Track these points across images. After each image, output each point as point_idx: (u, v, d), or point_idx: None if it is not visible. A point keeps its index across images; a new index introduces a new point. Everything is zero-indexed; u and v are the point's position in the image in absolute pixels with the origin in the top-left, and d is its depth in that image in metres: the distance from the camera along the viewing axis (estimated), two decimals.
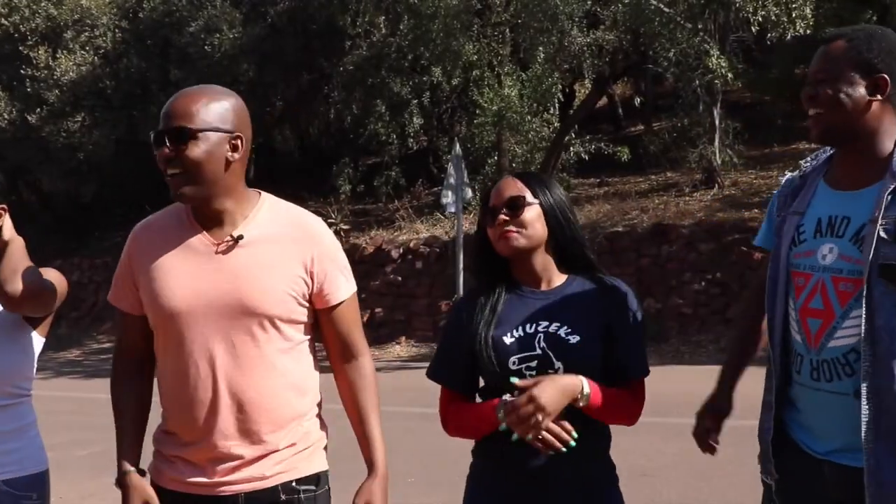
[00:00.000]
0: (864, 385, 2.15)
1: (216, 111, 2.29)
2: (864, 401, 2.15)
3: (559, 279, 2.42)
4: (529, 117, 15.65)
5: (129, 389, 2.45)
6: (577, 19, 14.98)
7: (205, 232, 2.33)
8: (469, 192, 14.27)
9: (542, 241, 2.38)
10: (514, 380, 2.24)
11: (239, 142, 2.33)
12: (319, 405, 2.48)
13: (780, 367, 2.35)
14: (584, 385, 2.26)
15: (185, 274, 2.30)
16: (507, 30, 16.73)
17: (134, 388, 2.45)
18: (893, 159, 2.21)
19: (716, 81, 13.61)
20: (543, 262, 2.41)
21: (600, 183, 17.09)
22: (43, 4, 18.12)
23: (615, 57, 16.40)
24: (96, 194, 19.76)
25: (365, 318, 15.65)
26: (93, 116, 17.71)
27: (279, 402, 2.33)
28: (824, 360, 2.23)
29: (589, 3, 15.09)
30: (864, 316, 2.15)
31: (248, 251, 2.31)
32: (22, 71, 17.79)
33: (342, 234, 16.38)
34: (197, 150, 2.25)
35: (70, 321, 18.40)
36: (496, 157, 16.66)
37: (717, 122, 14.56)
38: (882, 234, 2.14)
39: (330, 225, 16.32)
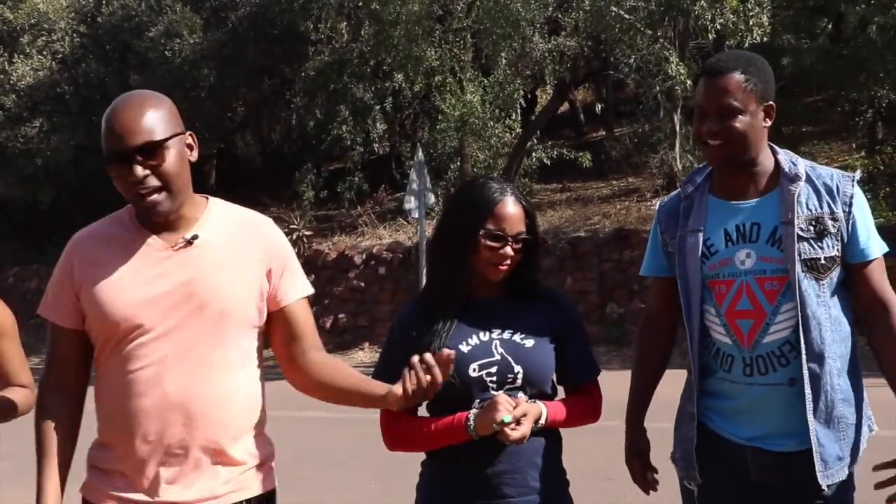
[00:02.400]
0: (806, 371, 2.34)
1: (166, 115, 2.19)
2: (806, 387, 2.34)
3: (504, 289, 2.42)
4: (492, 123, 15.71)
5: (60, 417, 2.25)
6: (538, 25, 15.08)
7: (155, 236, 2.21)
8: (432, 198, 14.28)
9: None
10: (507, 418, 2.24)
11: (192, 139, 2.26)
12: (266, 421, 2.37)
13: (699, 374, 2.48)
14: (543, 414, 2.33)
15: (137, 279, 2.18)
16: (469, 36, 16.79)
17: (65, 415, 2.26)
18: (782, 167, 2.44)
19: (676, 88, 13.75)
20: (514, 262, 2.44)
21: (562, 188, 17.19)
22: None
23: (576, 63, 16.53)
24: (55, 200, 19.49)
25: (328, 324, 15.60)
26: (51, 122, 17.50)
27: (231, 413, 2.21)
28: (759, 356, 2.39)
29: (550, 9, 15.19)
30: (798, 308, 2.34)
31: (202, 252, 2.21)
32: None
33: (304, 240, 16.32)
34: (170, 161, 2.15)
35: (28, 328, 18.14)
36: (459, 163, 16.69)
37: (677, 128, 14.70)
38: (800, 232, 2.36)
39: (292, 231, 16.41)
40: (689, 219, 2.50)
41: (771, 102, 2.44)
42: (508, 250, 2.34)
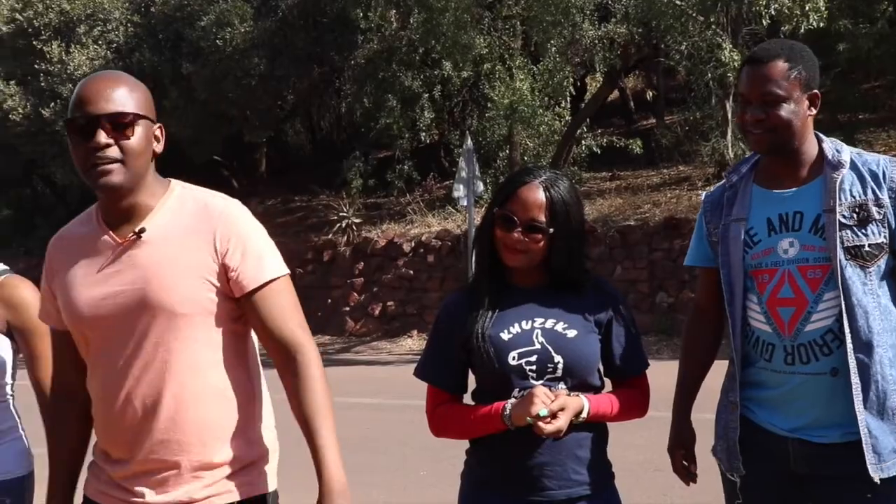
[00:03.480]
0: (852, 361, 2.31)
1: (141, 99, 2.12)
2: (852, 376, 2.31)
3: (549, 278, 2.39)
4: (541, 111, 15.62)
5: (64, 422, 2.26)
6: (588, 12, 14.95)
7: (110, 231, 2.13)
8: (480, 186, 14.26)
9: (544, 257, 2.35)
10: (543, 411, 2.20)
11: (160, 133, 2.19)
12: (268, 414, 2.26)
13: (741, 364, 2.46)
14: (585, 408, 2.29)
15: (89, 279, 2.12)
16: (518, 23, 16.70)
17: (68, 420, 2.26)
18: (826, 155, 2.42)
19: (728, 75, 13.55)
20: (538, 263, 2.38)
21: (612, 177, 17.06)
22: (57, 0, 18.18)
23: (627, 50, 16.36)
24: None
25: (377, 312, 15.69)
26: None
27: (204, 411, 2.09)
28: (800, 345, 2.36)
29: None
30: (841, 296, 2.31)
31: (153, 247, 2.10)
32: (36, 66, 17.86)
33: (354, 227, 16.41)
34: (136, 138, 2.08)
35: None
36: (508, 151, 16.64)
37: (729, 116, 14.49)
38: (842, 219, 2.33)
39: (341, 219, 16.50)
40: (733, 207, 2.49)
41: (816, 91, 2.41)
42: (516, 235, 2.30)
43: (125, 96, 2.08)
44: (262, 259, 2.15)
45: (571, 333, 2.32)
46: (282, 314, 2.13)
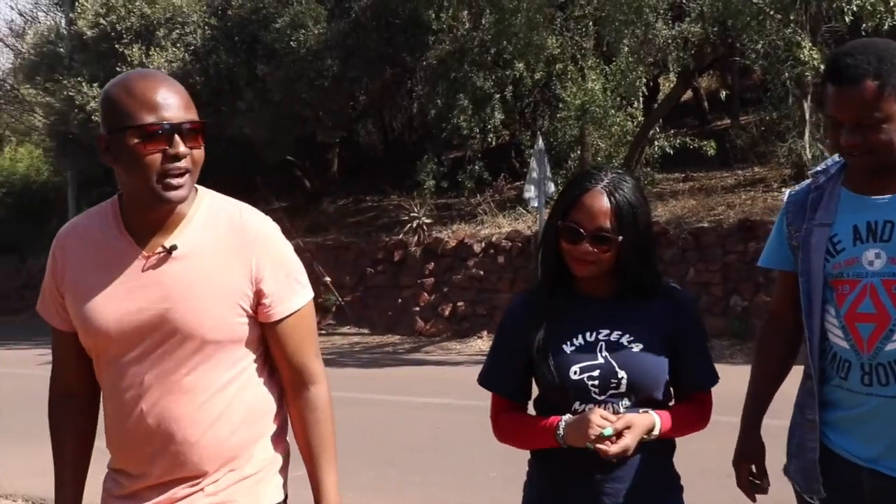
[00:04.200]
0: None
1: (191, 101, 2.04)
2: None
3: (617, 286, 2.28)
4: (613, 111, 15.48)
5: (67, 421, 2.17)
6: (662, 11, 14.77)
7: (134, 241, 2.01)
8: (552, 187, 14.20)
9: (613, 265, 2.24)
10: (607, 431, 2.10)
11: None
12: (281, 424, 2.18)
13: (818, 380, 2.30)
14: (656, 425, 2.19)
15: (112, 292, 2.00)
16: (591, 23, 16.57)
17: (71, 418, 2.16)
18: None
19: (807, 73, 13.25)
20: (607, 271, 2.27)
21: (685, 178, 16.83)
22: (137, 4, 18.61)
23: (701, 49, 16.11)
24: None
25: (447, 312, 15.72)
26: None
27: (222, 433, 2.03)
28: (879, 364, 2.20)
29: None
30: None
31: (182, 264, 1.99)
32: (117, 68, 18.28)
33: (424, 228, 16.47)
34: (202, 148, 2.00)
35: None
36: (579, 152, 16.53)
37: (807, 116, 14.18)
38: None
39: (412, 219, 16.58)
40: (818, 211, 2.32)
41: None
42: (586, 247, 2.18)
43: (187, 100, 2.00)
44: (294, 286, 2.08)
45: (637, 347, 2.21)
46: (302, 343, 2.09)
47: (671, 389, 2.30)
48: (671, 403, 2.30)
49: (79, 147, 19.67)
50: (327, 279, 16.80)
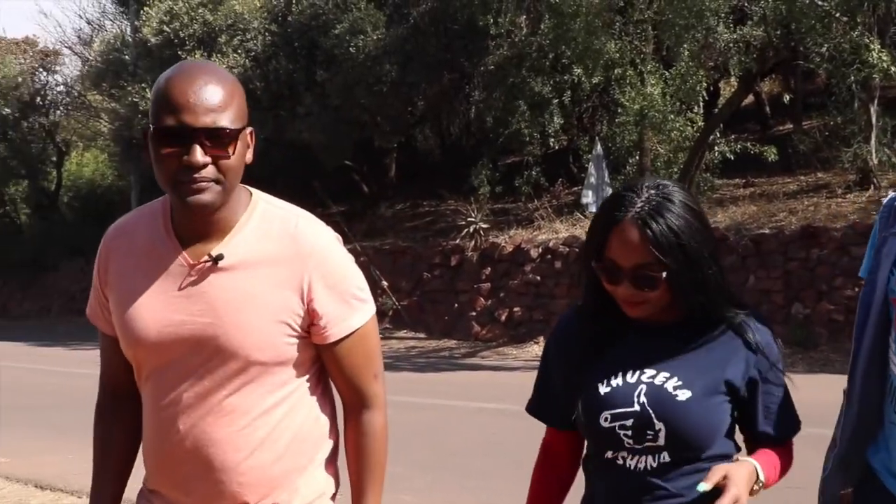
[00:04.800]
0: None
1: (241, 102, 1.83)
2: None
3: (676, 314, 1.91)
4: (673, 116, 15.33)
5: (115, 419, 2.04)
6: (723, 15, 14.58)
7: (181, 247, 1.86)
8: (610, 192, 14.10)
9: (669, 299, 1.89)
10: (703, 486, 1.79)
11: (251, 136, 1.89)
12: (333, 449, 2.00)
13: (862, 410, 1.96)
14: (758, 473, 1.88)
15: (153, 300, 1.86)
16: (650, 27, 16.43)
17: (119, 416, 2.03)
18: None
19: (874, 77, 12.98)
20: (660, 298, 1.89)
21: (746, 183, 16.59)
22: (200, 11, 18.92)
23: (763, 53, 15.87)
24: None
25: (503, 317, 15.70)
26: None
27: (265, 460, 1.87)
28: None
29: None
30: None
31: (229, 276, 1.83)
32: None
33: (481, 232, 16.47)
34: (236, 156, 1.80)
35: None
36: (638, 157, 16.40)
37: (873, 120, 13.89)
38: None
39: (469, 224, 16.62)
40: None
41: None
42: (628, 288, 1.84)
43: (225, 102, 1.77)
44: (352, 304, 1.88)
45: (684, 395, 1.85)
46: (361, 364, 1.92)
47: (732, 441, 1.95)
48: (736, 457, 1.94)
49: (142, 151, 20.00)
50: (384, 283, 16.88)
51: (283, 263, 1.84)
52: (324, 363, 1.94)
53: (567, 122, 18.36)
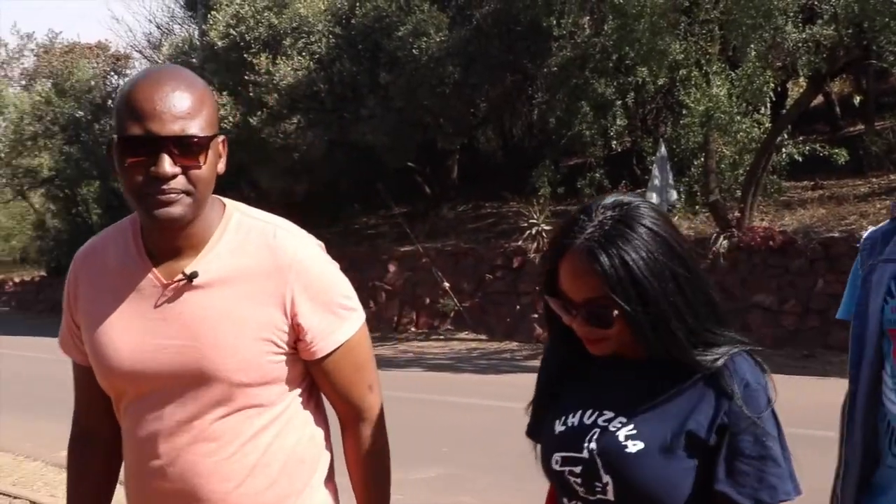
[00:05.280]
0: None
1: (212, 108, 1.73)
2: None
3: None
4: (739, 117, 15.09)
5: (85, 464, 1.92)
6: (791, 14, 14.32)
7: (152, 265, 1.74)
8: (674, 194, 13.96)
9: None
10: None
11: (223, 145, 1.78)
12: (330, 465, 1.90)
13: (862, 454, 1.81)
14: None
15: (126, 324, 1.74)
16: (717, 27, 16.20)
17: (91, 462, 1.91)
18: None
19: None
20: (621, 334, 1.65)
21: (814, 186, 16.26)
22: (266, 15, 19.16)
23: (833, 53, 15.54)
24: (308, 192, 20.72)
25: None
26: (307, 118, 18.58)
27: (257, 486, 1.76)
28: None
29: None
30: None
31: (206, 294, 1.71)
32: (246, 77, 18.89)
33: (543, 234, 16.41)
34: (208, 165, 1.69)
35: None
36: (703, 159, 16.18)
37: None
38: None
39: (531, 225, 16.60)
40: (888, 246, 1.85)
41: None
42: (580, 325, 1.61)
43: (195, 108, 1.66)
44: (339, 314, 1.77)
45: (635, 447, 1.59)
46: (353, 376, 1.81)
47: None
48: None
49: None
50: (446, 284, 16.91)
51: (262, 278, 1.72)
52: (315, 380, 1.82)
53: (630, 124, 18.20)
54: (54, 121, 28.79)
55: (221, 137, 1.76)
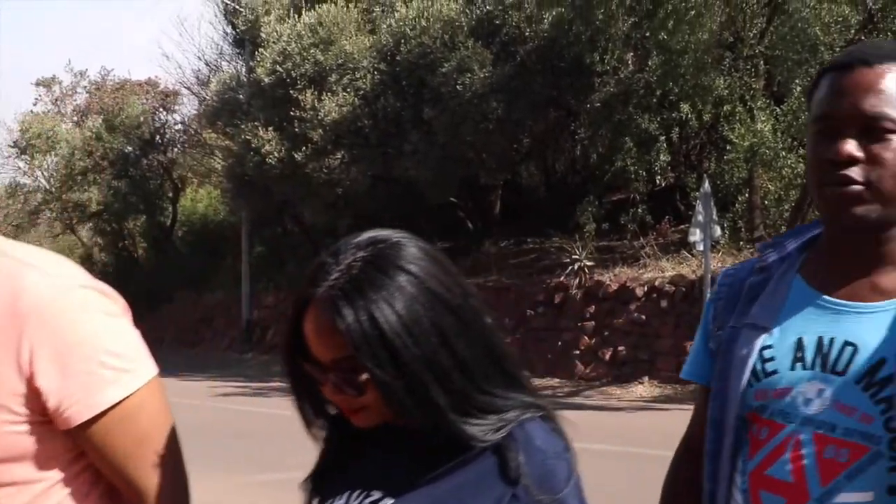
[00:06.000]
0: None
1: None
2: None
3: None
4: (784, 153, 14.98)
5: None
6: (838, 49, 14.23)
7: None
8: (718, 230, 13.84)
9: None
10: None
11: None
12: None
13: None
14: None
15: None
16: (762, 62, 16.14)
17: None
18: None
19: None
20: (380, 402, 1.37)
21: None
22: (312, 52, 19.44)
23: None
24: (350, 227, 20.87)
25: (607, 356, 15.48)
26: (351, 154, 18.75)
27: None
28: None
29: (852, 31, 14.29)
30: None
31: None
32: (291, 112, 19.14)
33: (586, 270, 16.33)
34: None
35: None
36: (747, 195, 16.06)
37: None
38: None
39: (573, 261, 16.57)
40: (754, 305, 1.54)
41: None
42: (331, 390, 1.30)
43: None
44: (98, 376, 1.40)
45: None
46: (131, 450, 1.44)
47: None
48: None
49: (253, 188, 20.67)
50: (488, 320, 16.85)
51: None
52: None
53: (674, 159, 18.12)
54: (104, 156, 29.38)
55: None
